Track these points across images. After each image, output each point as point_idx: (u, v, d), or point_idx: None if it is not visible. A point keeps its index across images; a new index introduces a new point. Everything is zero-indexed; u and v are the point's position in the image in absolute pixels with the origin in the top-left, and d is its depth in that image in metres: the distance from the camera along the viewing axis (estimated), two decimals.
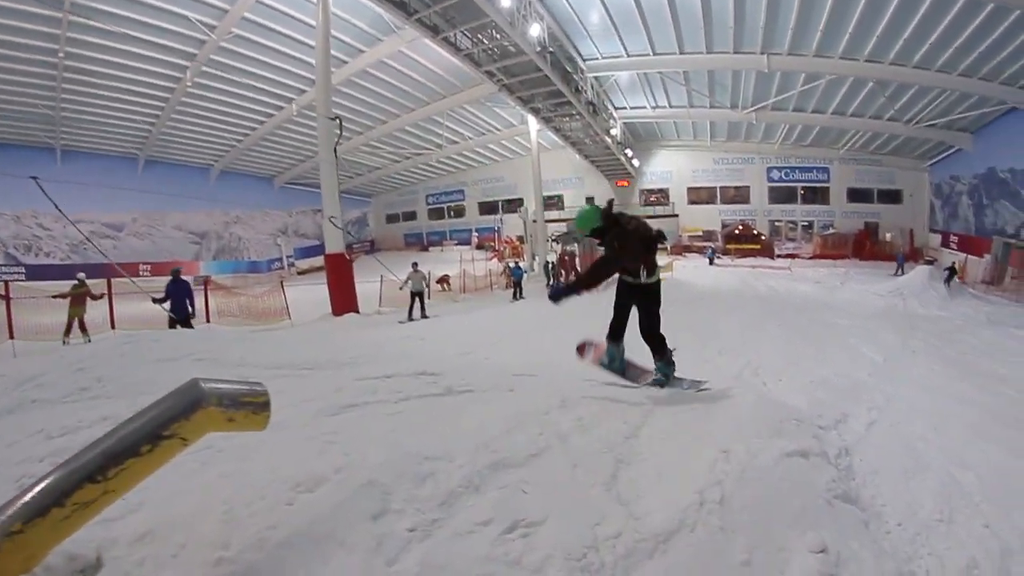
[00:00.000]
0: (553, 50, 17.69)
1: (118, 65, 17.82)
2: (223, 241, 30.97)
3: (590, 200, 31.07)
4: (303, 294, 13.69)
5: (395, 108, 24.48)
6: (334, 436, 2.28)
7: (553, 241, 26.38)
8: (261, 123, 24.30)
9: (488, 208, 35.57)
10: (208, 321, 11.06)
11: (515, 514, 1.77)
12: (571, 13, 18.06)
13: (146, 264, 25.08)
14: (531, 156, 25.17)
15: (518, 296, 16.41)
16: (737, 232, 30.30)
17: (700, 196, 31.15)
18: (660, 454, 2.45)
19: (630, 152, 29.36)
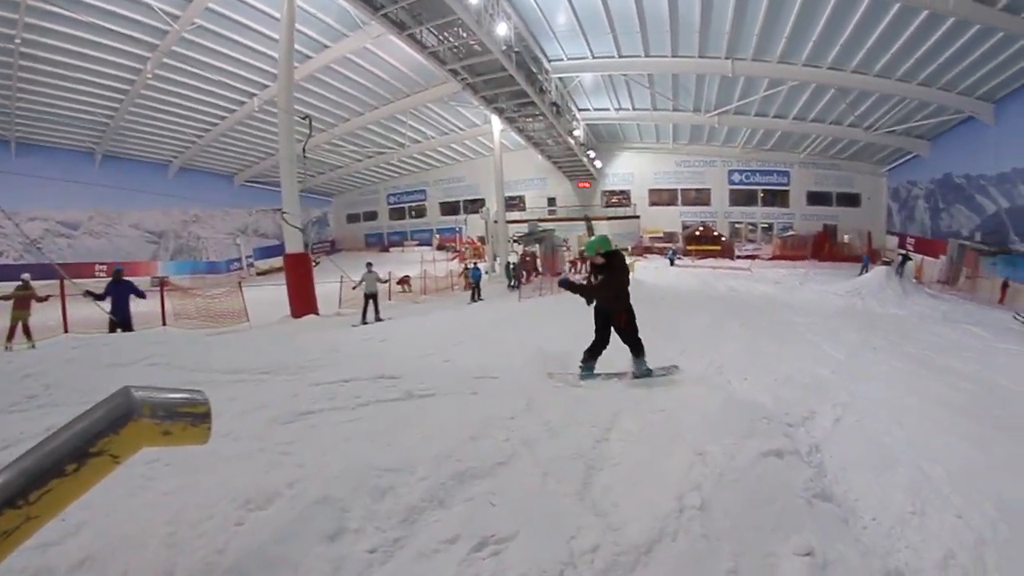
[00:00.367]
0: (519, 50, 17.63)
1: (77, 54, 16.91)
2: (181, 240, 29.89)
3: (552, 200, 33.71)
4: (262, 295, 13.27)
5: (358, 105, 24.04)
6: (288, 446, 2.17)
7: (514, 242, 26.30)
8: (222, 118, 23.49)
9: (450, 208, 35.43)
10: (164, 324, 10.61)
11: (483, 530, 1.66)
12: (538, 13, 18.07)
13: (102, 264, 23.92)
14: (494, 156, 25.02)
15: (477, 298, 16.11)
16: (698, 233, 30.98)
17: (662, 198, 31.74)
18: (633, 458, 2.37)
19: (592, 153, 29.65)
